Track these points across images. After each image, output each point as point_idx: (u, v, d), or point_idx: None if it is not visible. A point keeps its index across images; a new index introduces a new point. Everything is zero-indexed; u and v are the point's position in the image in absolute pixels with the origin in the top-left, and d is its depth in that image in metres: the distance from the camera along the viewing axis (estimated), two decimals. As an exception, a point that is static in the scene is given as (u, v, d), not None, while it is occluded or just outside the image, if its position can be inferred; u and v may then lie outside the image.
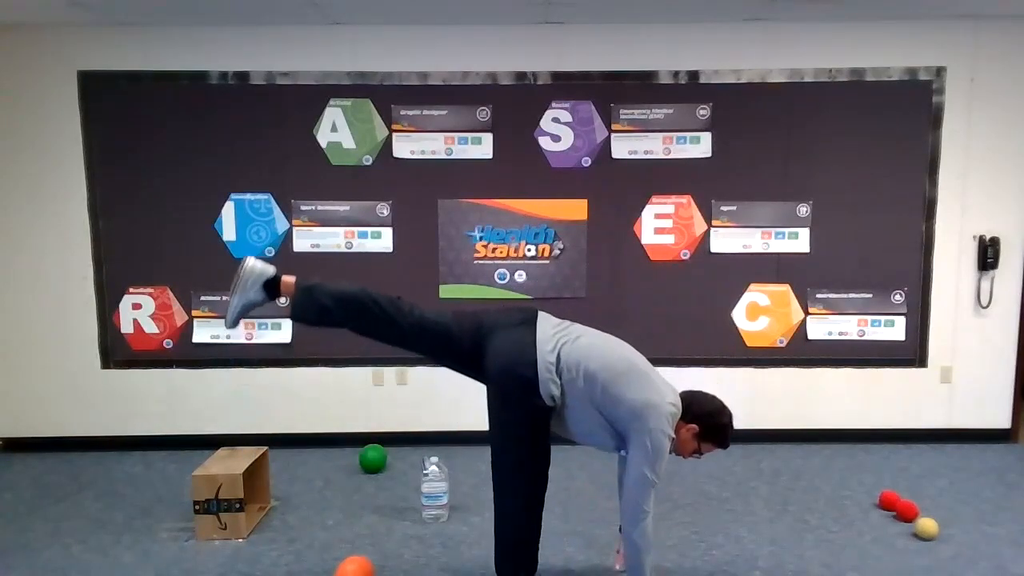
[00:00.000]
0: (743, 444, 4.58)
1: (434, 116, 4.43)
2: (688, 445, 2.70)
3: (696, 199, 4.49)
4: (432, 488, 3.57)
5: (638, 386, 2.58)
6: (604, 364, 2.60)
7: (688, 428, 2.67)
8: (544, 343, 2.60)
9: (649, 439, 2.52)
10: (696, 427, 2.67)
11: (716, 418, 2.70)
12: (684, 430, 2.67)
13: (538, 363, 2.56)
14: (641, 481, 2.56)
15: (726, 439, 2.73)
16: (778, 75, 4.39)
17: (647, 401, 2.55)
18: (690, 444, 2.70)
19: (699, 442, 2.70)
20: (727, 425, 2.72)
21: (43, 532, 3.51)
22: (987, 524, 3.50)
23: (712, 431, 2.69)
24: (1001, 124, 4.41)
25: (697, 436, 2.68)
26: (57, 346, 4.55)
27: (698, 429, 2.67)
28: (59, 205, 4.45)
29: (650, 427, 2.52)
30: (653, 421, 2.53)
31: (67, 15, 4.10)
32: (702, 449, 2.72)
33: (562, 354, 2.60)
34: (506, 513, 2.75)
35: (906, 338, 4.56)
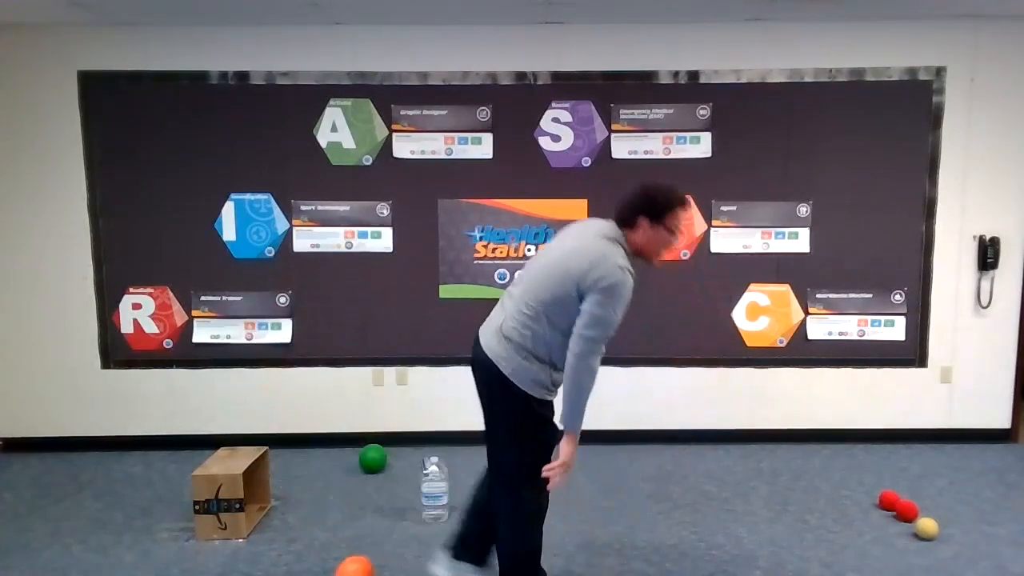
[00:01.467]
0: (743, 444, 4.59)
1: (434, 116, 4.43)
2: (657, 238, 2.52)
3: (696, 199, 4.48)
4: (432, 488, 3.58)
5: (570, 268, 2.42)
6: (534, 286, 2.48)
7: (640, 228, 2.50)
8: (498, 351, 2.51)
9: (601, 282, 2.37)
10: (643, 219, 2.49)
11: (648, 195, 2.51)
12: (639, 234, 2.51)
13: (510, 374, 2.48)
14: (594, 319, 2.38)
15: (673, 198, 2.50)
16: (778, 75, 4.39)
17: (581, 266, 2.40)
18: (657, 235, 2.51)
19: (661, 226, 2.50)
20: (660, 188, 2.52)
21: (43, 532, 3.51)
22: (987, 524, 3.50)
23: (656, 207, 2.49)
24: (1001, 124, 4.41)
25: (651, 223, 2.50)
26: (57, 346, 4.55)
27: (646, 219, 2.49)
28: (59, 205, 4.45)
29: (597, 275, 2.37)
30: (596, 269, 2.37)
31: (67, 15, 4.10)
32: (670, 226, 2.51)
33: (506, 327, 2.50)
34: (514, 522, 2.65)
35: (906, 338, 4.56)
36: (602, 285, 2.38)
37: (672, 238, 2.55)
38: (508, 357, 2.50)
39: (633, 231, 2.53)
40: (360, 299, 4.54)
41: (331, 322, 4.55)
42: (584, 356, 2.40)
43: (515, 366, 2.49)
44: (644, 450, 4.50)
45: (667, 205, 2.50)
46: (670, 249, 2.60)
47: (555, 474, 2.49)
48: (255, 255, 4.51)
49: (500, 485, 2.66)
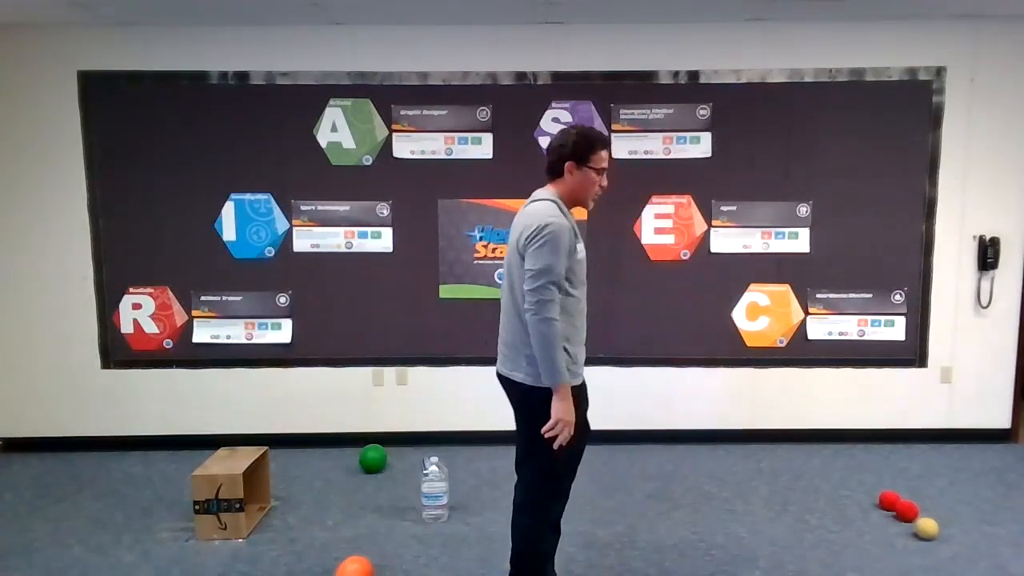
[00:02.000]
0: (743, 444, 4.59)
1: (434, 116, 4.43)
2: (584, 180, 2.55)
3: (696, 199, 4.49)
4: (432, 488, 3.57)
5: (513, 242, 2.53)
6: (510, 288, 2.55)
7: (567, 173, 2.55)
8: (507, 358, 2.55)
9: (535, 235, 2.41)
10: (569, 163, 2.54)
11: (568, 139, 2.55)
12: (568, 178, 2.55)
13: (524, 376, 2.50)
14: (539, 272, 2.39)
15: (592, 136, 2.56)
16: (778, 75, 4.39)
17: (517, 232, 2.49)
18: (584, 177, 2.55)
19: (586, 166, 2.54)
20: (578, 128, 2.58)
21: (43, 532, 3.51)
22: (987, 524, 3.50)
23: (576, 148, 2.53)
24: (1001, 124, 4.41)
25: (577, 165, 2.54)
26: (57, 346, 4.55)
27: (571, 163, 2.53)
28: (59, 205, 4.45)
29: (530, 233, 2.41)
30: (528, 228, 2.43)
31: (67, 15, 4.10)
32: (594, 167, 2.56)
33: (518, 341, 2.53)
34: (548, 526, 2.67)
35: (906, 338, 4.56)
36: (529, 235, 2.43)
37: (599, 178, 2.59)
38: (516, 362, 2.53)
39: (563, 179, 2.57)
40: (360, 299, 4.54)
41: (331, 322, 4.55)
42: (537, 310, 2.40)
43: (528, 371, 2.50)
44: (644, 450, 4.50)
45: (588, 144, 2.55)
46: (600, 190, 2.63)
47: (552, 432, 2.45)
48: (255, 255, 4.51)
49: (527, 487, 2.65)
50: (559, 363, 2.42)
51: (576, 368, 2.55)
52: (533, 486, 2.63)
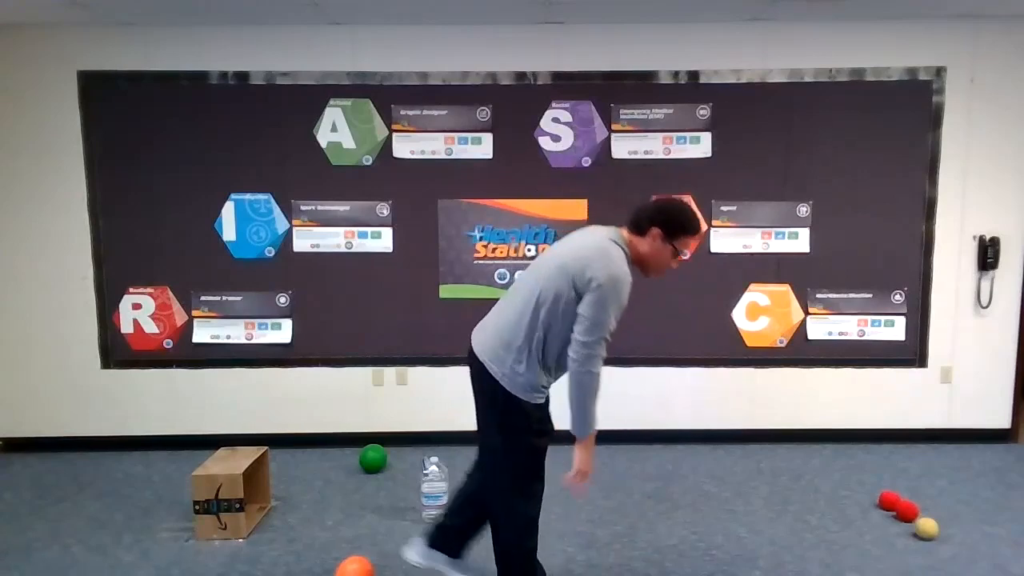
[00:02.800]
0: (743, 444, 4.59)
1: (434, 116, 4.43)
2: (663, 252, 2.51)
3: (696, 199, 4.48)
4: (432, 488, 3.58)
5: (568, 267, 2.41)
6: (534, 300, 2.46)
7: (651, 236, 2.48)
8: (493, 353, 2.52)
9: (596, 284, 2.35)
10: (656, 230, 2.48)
11: (669, 207, 2.52)
12: (648, 241, 2.49)
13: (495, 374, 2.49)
14: (592, 324, 2.37)
15: (692, 222, 2.52)
16: (778, 75, 4.39)
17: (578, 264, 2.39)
18: (664, 250, 2.50)
19: (671, 243, 2.50)
20: (684, 208, 2.53)
21: (43, 532, 3.51)
22: (987, 524, 3.50)
23: (674, 222, 2.49)
24: (1001, 124, 4.41)
25: (664, 237, 2.48)
26: (57, 346, 4.55)
27: (660, 231, 2.48)
28: (59, 205, 4.45)
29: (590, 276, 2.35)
30: (590, 270, 2.36)
31: (67, 15, 4.10)
32: (678, 247, 2.52)
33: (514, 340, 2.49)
34: (518, 526, 2.64)
35: (906, 338, 4.56)
36: (596, 284, 2.37)
37: (674, 260, 2.55)
38: (502, 360, 2.49)
39: (642, 238, 2.51)
40: (360, 299, 4.54)
41: (331, 322, 4.55)
42: (584, 361, 2.40)
43: (507, 370, 2.48)
44: (644, 450, 4.50)
45: (684, 226, 2.51)
46: (667, 269, 2.60)
47: (572, 482, 2.50)
48: (255, 255, 4.51)
49: (493, 486, 2.66)
50: (593, 416, 2.46)
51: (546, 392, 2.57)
52: (502, 490, 2.61)
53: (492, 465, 2.64)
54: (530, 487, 2.61)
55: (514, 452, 2.55)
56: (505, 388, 2.49)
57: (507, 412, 2.52)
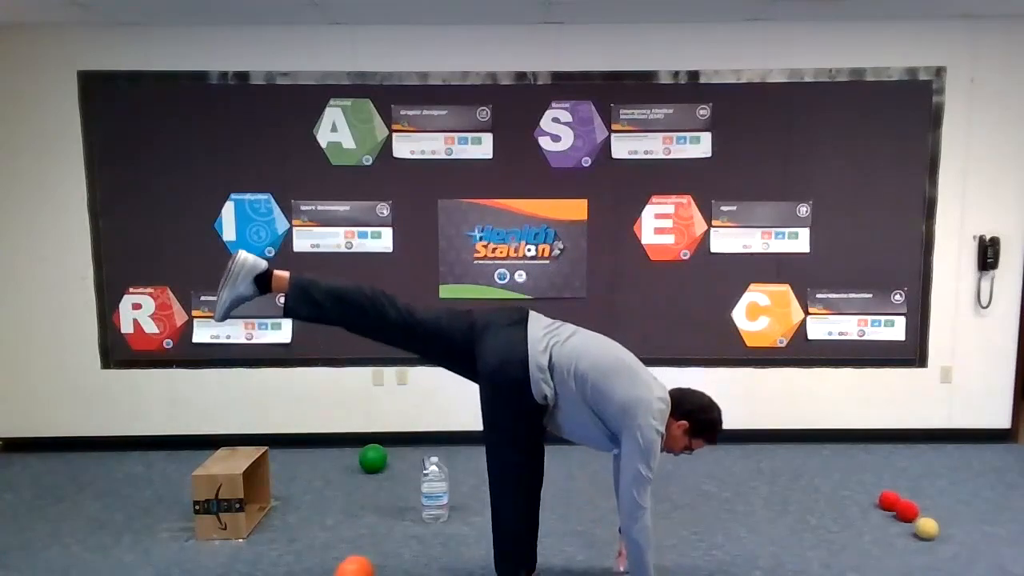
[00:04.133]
0: (743, 444, 4.59)
1: (434, 116, 4.43)
2: (679, 441, 2.72)
3: (696, 199, 4.49)
4: (432, 488, 3.57)
5: (627, 383, 2.59)
6: (594, 363, 2.61)
7: (678, 425, 2.68)
8: (535, 343, 2.61)
9: (640, 434, 2.53)
10: (686, 423, 2.69)
11: (706, 414, 2.72)
12: (674, 427, 2.68)
13: (529, 363, 2.57)
14: (636, 477, 2.56)
15: (716, 435, 2.75)
16: (778, 75, 4.39)
17: (637, 398, 2.56)
18: (680, 440, 2.71)
19: (689, 438, 2.72)
20: (717, 421, 2.73)
21: (43, 532, 3.51)
22: (987, 524, 3.50)
23: (702, 427, 2.71)
24: (1001, 124, 4.41)
25: (687, 432, 2.70)
26: (57, 346, 4.55)
27: (688, 425, 2.69)
28: (59, 205, 4.45)
29: (639, 423, 2.53)
30: (642, 417, 2.54)
31: (67, 15, 4.10)
32: (692, 445, 2.74)
33: (553, 354, 2.61)
34: (503, 512, 2.77)
35: (906, 338, 4.56)
36: (643, 437, 2.53)
37: (680, 450, 2.75)
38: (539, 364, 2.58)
39: (674, 420, 2.69)
40: (360, 299, 4.53)
41: (331, 322, 4.55)
42: (639, 517, 2.58)
43: (534, 372, 2.58)
44: (644, 450, 4.50)
45: (709, 436, 2.74)
46: (670, 452, 2.76)
47: None
48: (255, 255, 4.50)
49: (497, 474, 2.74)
50: (651, 568, 2.65)
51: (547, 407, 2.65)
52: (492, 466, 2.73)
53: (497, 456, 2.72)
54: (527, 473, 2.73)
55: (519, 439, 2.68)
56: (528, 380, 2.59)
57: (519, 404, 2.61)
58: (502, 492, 2.75)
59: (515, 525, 2.78)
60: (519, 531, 2.79)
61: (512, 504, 2.76)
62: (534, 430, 2.69)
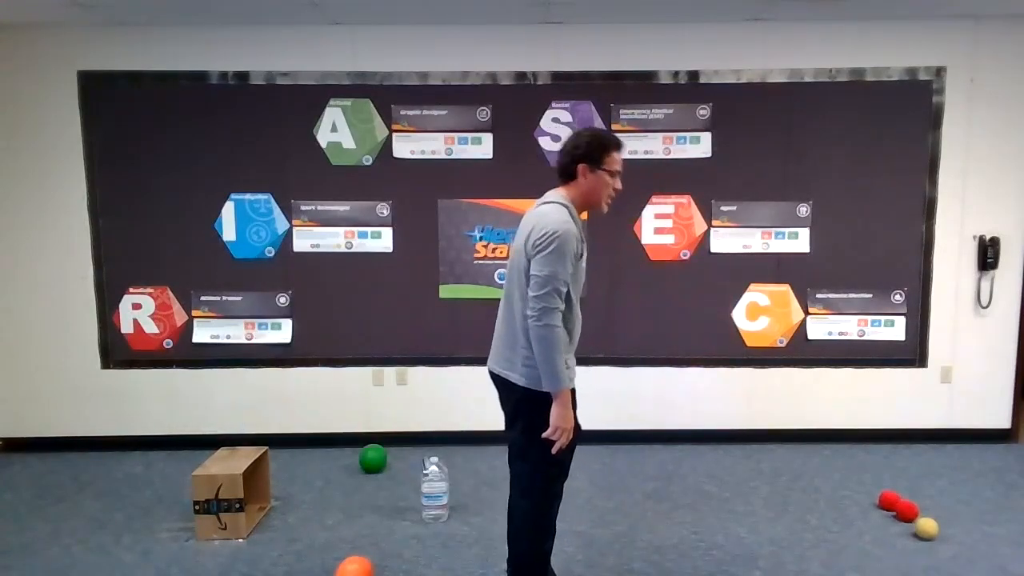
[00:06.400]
0: (743, 444, 4.59)
1: (434, 116, 4.43)
2: (598, 182, 2.52)
3: (696, 199, 4.49)
4: (432, 488, 3.57)
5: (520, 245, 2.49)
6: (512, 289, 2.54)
7: (580, 175, 2.51)
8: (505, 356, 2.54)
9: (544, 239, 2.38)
10: (581, 165, 2.50)
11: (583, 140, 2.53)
12: (581, 181, 2.52)
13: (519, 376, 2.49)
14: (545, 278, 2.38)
15: (608, 139, 2.55)
16: (778, 75, 4.39)
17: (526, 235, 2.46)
18: (597, 180, 2.52)
19: (598, 168, 2.51)
20: (595, 131, 2.59)
21: (43, 532, 3.51)
22: (987, 524, 3.50)
23: (591, 149, 2.51)
24: (1001, 124, 4.41)
25: (591, 168, 2.51)
26: (57, 346, 4.55)
27: (585, 164, 2.50)
28: (59, 205, 4.45)
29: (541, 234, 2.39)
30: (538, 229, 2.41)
31: (67, 15, 4.10)
32: (608, 169, 2.52)
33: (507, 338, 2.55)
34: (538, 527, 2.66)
35: (906, 338, 4.56)
36: (537, 240, 2.41)
37: (613, 180, 2.56)
38: (511, 361, 2.53)
39: (576, 182, 2.54)
40: (360, 299, 4.54)
41: (331, 322, 4.55)
42: (540, 316, 2.38)
43: (519, 368, 2.51)
44: (644, 450, 4.50)
45: (602, 145, 2.53)
46: (613, 193, 2.60)
47: (552, 437, 2.46)
48: (255, 255, 4.51)
49: (517, 487, 2.66)
50: (560, 369, 2.42)
51: (571, 372, 2.53)
52: (529, 490, 2.62)
53: (519, 469, 2.64)
54: (552, 488, 2.64)
55: (539, 450, 2.51)
56: (524, 387, 2.50)
57: (532, 412, 2.50)
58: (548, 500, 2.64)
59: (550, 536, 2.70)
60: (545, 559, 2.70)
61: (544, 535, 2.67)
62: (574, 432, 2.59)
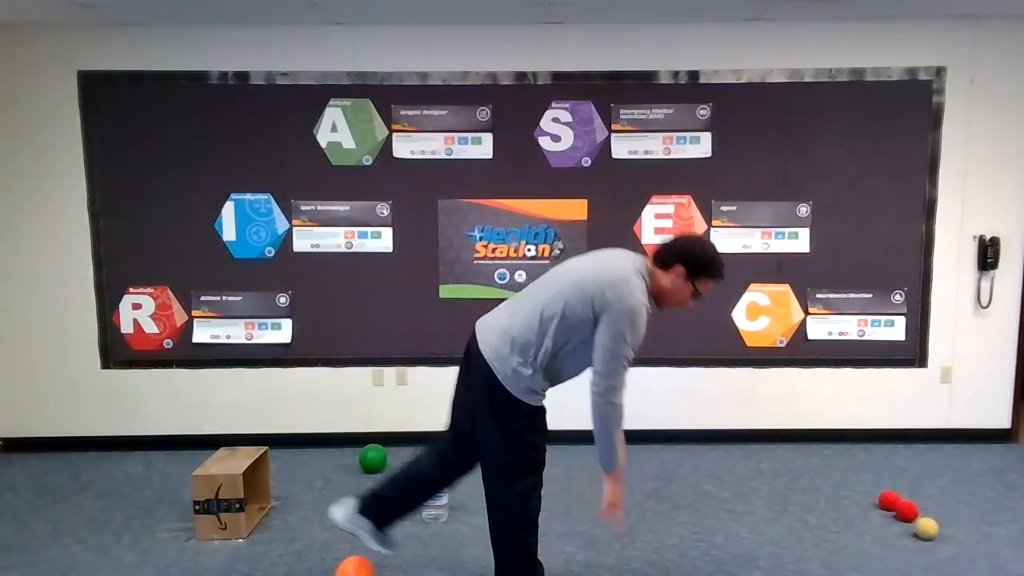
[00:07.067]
0: (743, 444, 4.59)
1: (434, 116, 4.43)
2: (683, 290, 2.51)
3: (696, 199, 4.49)
4: (432, 488, 3.57)
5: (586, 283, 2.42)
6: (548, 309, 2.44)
7: (674, 273, 2.49)
8: (496, 353, 2.49)
9: (614, 309, 2.36)
10: (680, 267, 2.48)
11: (696, 248, 2.52)
12: (670, 277, 2.50)
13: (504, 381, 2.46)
14: (610, 352, 2.37)
15: (716, 265, 2.51)
16: (778, 75, 4.39)
17: (597, 284, 2.39)
18: (684, 288, 2.51)
19: (692, 282, 2.50)
20: (711, 252, 2.53)
21: (43, 532, 3.51)
22: (987, 524, 3.51)
23: (698, 263, 2.49)
24: (1001, 124, 4.41)
25: (686, 277, 2.49)
26: (57, 346, 4.55)
27: (683, 268, 2.48)
28: (59, 205, 4.45)
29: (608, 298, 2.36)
30: (609, 292, 2.37)
31: (67, 15, 4.10)
32: (699, 288, 2.52)
33: (515, 341, 2.47)
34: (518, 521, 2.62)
35: (906, 338, 4.56)
36: (616, 309, 2.37)
37: (692, 299, 2.55)
38: (505, 360, 2.47)
39: (665, 273, 2.51)
40: (360, 299, 4.54)
41: (331, 322, 4.55)
42: (604, 392, 2.40)
43: (509, 372, 2.46)
44: (644, 450, 4.50)
45: (709, 268, 2.51)
46: (684, 306, 2.60)
47: (606, 515, 2.52)
48: (255, 255, 4.51)
49: (492, 483, 2.62)
50: (618, 448, 2.46)
51: (541, 396, 2.53)
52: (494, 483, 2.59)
53: (490, 462, 2.61)
54: (528, 482, 2.59)
55: (513, 448, 2.53)
56: (505, 388, 2.47)
57: (505, 410, 2.50)
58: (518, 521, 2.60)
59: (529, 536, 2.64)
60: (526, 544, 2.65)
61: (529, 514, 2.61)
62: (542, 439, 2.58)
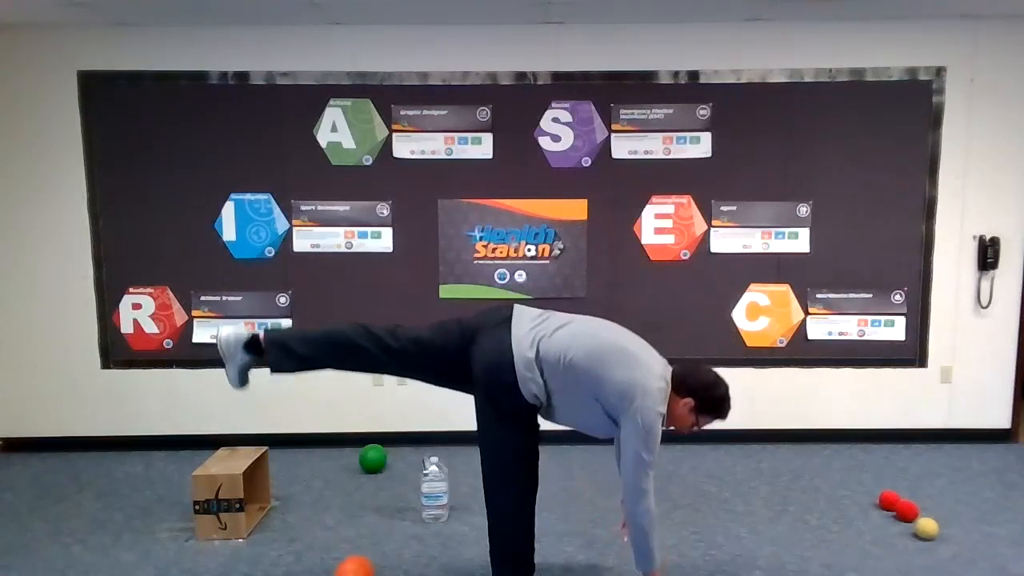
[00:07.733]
0: (743, 444, 4.59)
1: (434, 116, 4.43)
2: (685, 419, 2.64)
3: (696, 199, 4.48)
4: (432, 488, 3.58)
5: (623, 368, 2.52)
6: (586, 352, 2.55)
7: (684, 402, 2.61)
8: (521, 341, 2.58)
9: (640, 417, 2.47)
10: (692, 401, 2.61)
11: (712, 390, 2.64)
12: (679, 404, 2.61)
13: (516, 364, 2.54)
14: (636, 461, 2.53)
15: (724, 410, 2.66)
16: (778, 75, 4.39)
17: (631, 381, 2.49)
18: (686, 418, 2.64)
19: (696, 415, 2.64)
20: (724, 397, 2.65)
21: (43, 532, 3.51)
22: (987, 524, 3.50)
23: (708, 404, 2.63)
24: (1001, 124, 4.41)
25: (693, 410, 2.62)
26: (57, 346, 4.55)
27: (693, 403, 2.61)
28: (59, 205, 4.45)
29: (637, 406, 2.47)
30: (640, 399, 2.47)
31: (67, 15, 4.10)
32: (699, 422, 2.66)
33: (541, 348, 2.57)
34: (500, 517, 2.74)
35: (906, 338, 4.56)
36: (645, 417, 2.48)
37: (689, 428, 2.68)
38: (526, 362, 2.55)
39: (677, 397, 2.61)
40: (360, 299, 4.54)
41: (331, 322, 4.54)
42: (639, 500, 2.59)
43: (522, 372, 2.55)
44: (644, 450, 4.50)
45: (718, 410, 2.66)
46: (679, 432, 2.71)
47: None
48: (255, 255, 4.51)
49: (489, 480, 2.72)
50: (656, 551, 2.62)
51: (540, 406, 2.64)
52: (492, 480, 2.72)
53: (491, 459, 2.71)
54: (522, 476, 2.70)
55: (511, 441, 2.66)
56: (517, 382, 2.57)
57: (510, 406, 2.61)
58: (499, 497, 2.72)
59: (512, 530, 2.75)
60: (517, 537, 2.76)
61: (510, 510, 2.72)
62: (529, 432, 2.68)
